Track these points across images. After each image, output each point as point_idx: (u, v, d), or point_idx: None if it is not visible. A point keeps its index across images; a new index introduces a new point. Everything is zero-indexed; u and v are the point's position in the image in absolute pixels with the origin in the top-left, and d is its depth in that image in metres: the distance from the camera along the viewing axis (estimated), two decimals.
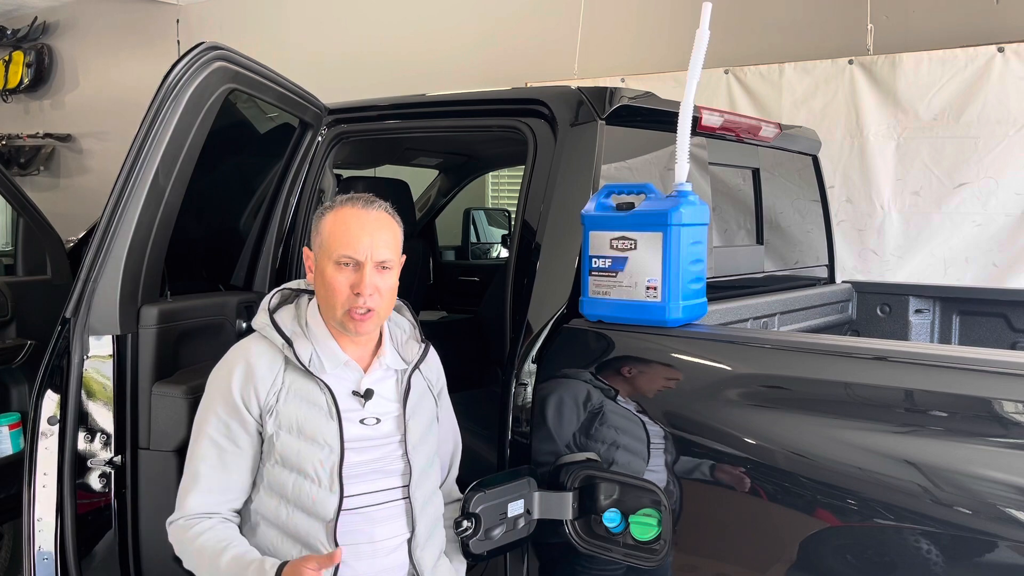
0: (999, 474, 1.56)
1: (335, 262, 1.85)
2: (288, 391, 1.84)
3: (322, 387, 1.85)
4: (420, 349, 2.02)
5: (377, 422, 1.90)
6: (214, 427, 1.85)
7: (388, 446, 1.91)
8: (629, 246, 2.04)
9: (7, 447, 3.27)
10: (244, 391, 1.84)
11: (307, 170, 2.80)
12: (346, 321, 1.85)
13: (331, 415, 1.83)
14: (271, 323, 1.90)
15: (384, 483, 1.89)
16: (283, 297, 2.00)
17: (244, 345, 1.92)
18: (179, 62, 2.17)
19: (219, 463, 1.84)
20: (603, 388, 2.06)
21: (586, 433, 2.05)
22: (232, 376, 1.85)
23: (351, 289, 1.84)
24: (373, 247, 1.86)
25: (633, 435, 1.98)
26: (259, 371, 1.84)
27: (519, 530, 2.04)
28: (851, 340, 2.26)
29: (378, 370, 1.94)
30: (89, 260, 2.16)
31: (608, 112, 2.28)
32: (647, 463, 1.95)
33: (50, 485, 2.20)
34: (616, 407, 2.02)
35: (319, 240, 1.91)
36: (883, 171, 4.27)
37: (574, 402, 2.09)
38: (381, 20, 6.19)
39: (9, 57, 8.18)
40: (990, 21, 4.07)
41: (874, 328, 3.33)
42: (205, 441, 1.85)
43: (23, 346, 3.41)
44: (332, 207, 1.92)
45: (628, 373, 2.05)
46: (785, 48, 4.60)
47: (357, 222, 1.88)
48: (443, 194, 4.71)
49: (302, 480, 1.81)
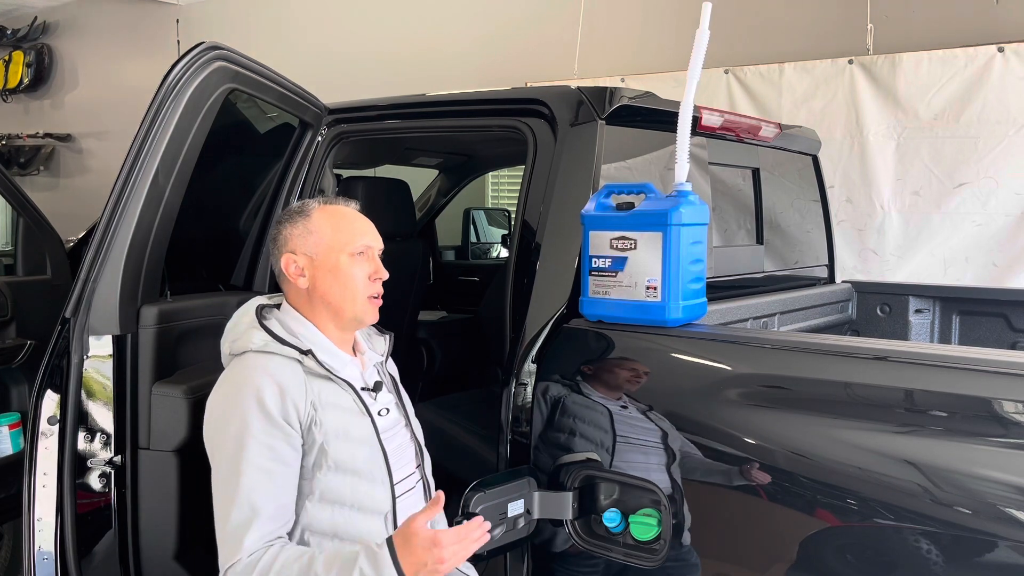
0: (999, 474, 1.56)
1: (350, 253, 1.90)
2: (319, 399, 1.82)
3: (344, 387, 1.87)
4: (388, 340, 2.12)
5: (387, 412, 1.98)
6: (257, 453, 1.74)
7: (401, 433, 2.00)
8: (629, 246, 2.04)
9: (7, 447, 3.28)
10: (283, 407, 1.77)
11: (307, 170, 2.80)
12: (367, 309, 1.92)
13: (362, 411, 1.88)
14: (274, 338, 1.85)
15: (408, 469, 1.98)
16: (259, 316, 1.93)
17: (254, 364, 1.82)
18: (179, 62, 2.17)
19: (273, 489, 1.74)
20: (603, 388, 2.06)
21: (586, 433, 2.05)
22: (264, 396, 1.76)
23: (369, 277, 1.91)
24: (376, 237, 1.97)
25: (633, 435, 1.98)
26: (290, 385, 1.79)
27: (519, 530, 2.04)
28: (851, 340, 2.26)
29: (368, 365, 2.02)
30: (89, 260, 2.16)
31: (608, 112, 2.28)
32: (647, 463, 1.95)
33: (50, 485, 2.20)
34: (616, 407, 2.02)
35: (316, 238, 1.90)
36: (883, 171, 4.27)
37: (574, 402, 2.09)
38: (381, 20, 6.19)
39: (9, 57, 8.18)
40: (990, 21, 4.07)
41: (874, 328, 3.32)
42: (251, 470, 1.73)
43: (23, 346, 3.41)
44: (315, 206, 1.95)
45: (628, 373, 2.05)
46: (785, 48, 4.60)
47: (353, 215, 1.97)
48: (443, 194, 4.71)
49: (359, 481, 1.83)
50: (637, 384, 2.03)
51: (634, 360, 2.07)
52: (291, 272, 1.92)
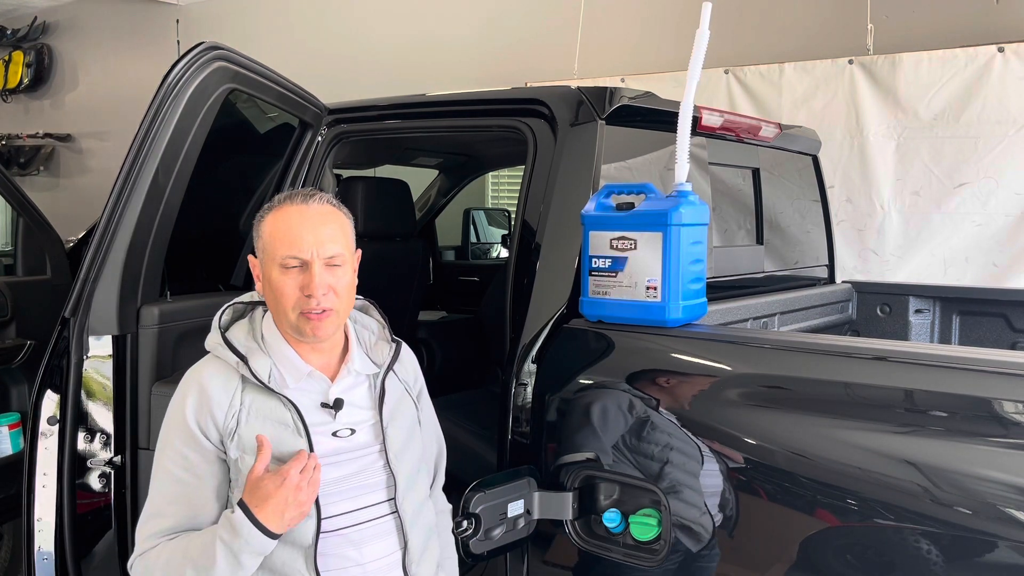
0: (999, 474, 1.56)
1: (280, 265, 1.71)
2: (249, 411, 1.69)
3: (285, 403, 1.70)
4: (391, 349, 1.87)
5: (352, 433, 1.76)
6: (171, 460, 1.69)
7: (367, 457, 1.77)
8: (629, 246, 2.04)
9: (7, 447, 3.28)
10: (200, 418, 1.68)
11: (307, 170, 2.80)
12: (302, 324, 1.71)
13: (298, 432, 1.69)
14: (223, 341, 1.75)
15: (368, 499, 1.76)
16: (235, 312, 1.85)
17: (197, 369, 1.76)
18: (179, 62, 2.17)
19: (181, 498, 1.68)
20: (602, 388, 2.05)
21: (586, 433, 2.05)
22: (186, 404, 1.70)
23: (301, 291, 1.70)
24: (318, 243, 1.71)
25: (633, 435, 1.98)
26: (214, 394, 1.69)
27: (519, 530, 2.04)
28: (851, 340, 2.26)
29: (347, 377, 1.80)
30: (89, 260, 2.17)
31: (608, 112, 2.28)
32: (647, 463, 1.95)
33: (50, 485, 2.21)
34: (615, 407, 2.02)
35: (261, 244, 1.77)
36: (883, 171, 4.27)
37: (573, 402, 2.09)
38: (381, 20, 6.19)
39: (9, 57, 8.18)
40: (990, 21, 4.07)
41: (874, 328, 3.32)
42: (164, 477, 1.70)
43: (23, 346, 3.41)
44: (271, 207, 1.78)
45: (628, 373, 2.05)
46: (785, 48, 4.60)
47: (299, 218, 1.73)
48: (443, 194, 4.71)
49: None
50: (637, 384, 2.02)
51: (634, 360, 2.07)
52: (254, 275, 1.82)
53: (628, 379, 2.04)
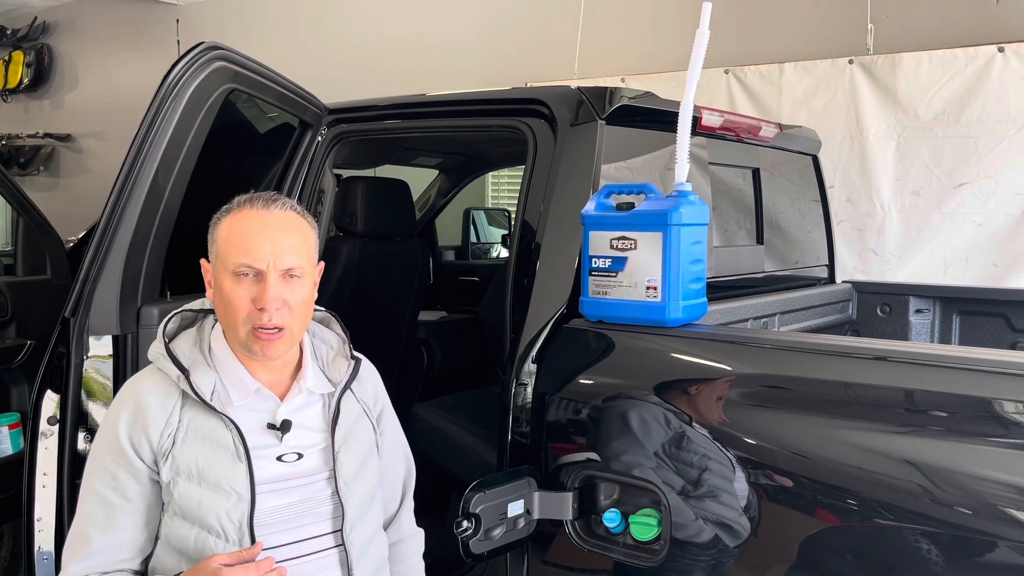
0: (999, 474, 1.56)
1: (232, 273, 1.58)
2: (187, 431, 1.57)
3: (226, 423, 1.58)
4: (349, 367, 1.74)
5: (299, 458, 1.64)
6: (100, 479, 1.58)
7: (314, 485, 1.65)
8: (629, 246, 2.04)
9: (7, 447, 3.28)
10: (132, 435, 1.57)
11: (307, 170, 2.80)
12: (251, 343, 1.59)
13: (238, 456, 1.56)
14: (166, 352, 1.63)
15: (311, 529, 1.63)
16: (184, 320, 1.72)
17: (135, 380, 1.65)
18: (179, 62, 2.17)
19: (107, 521, 1.57)
20: (603, 388, 2.05)
21: (585, 433, 2.05)
22: (119, 419, 1.58)
23: (253, 304, 1.57)
24: (276, 253, 1.59)
25: (633, 435, 1.98)
26: (150, 410, 1.57)
27: (519, 530, 2.04)
28: (851, 340, 2.26)
29: (297, 396, 1.67)
30: (89, 260, 2.16)
31: (608, 112, 2.28)
32: (647, 463, 1.95)
33: (50, 485, 2.20)
34: (615, 407, 2.02)
35: (215, 249, 1.64)
36: (883, 171, 4.27)
37: (573, 402, 2.09)
38: (381, 20, 6.19)
39: (9, 57, 8.18)
40: (990, 21, 4.07)
41: (874, 328, 3.32)
42: (91, 497, 1.58)
43: (23, 346, 3.41)
44: (229, 209, 1.66)
45: (628, 373, 2.05)
46: (785, 48, 4.60)
47: (257, 224, 1.61)
48: (443, 194, 4.71)
49: (205, 535, 1.55)
50: (637, 384, 2.02)
51: (634, 360, 2.07)
52: (205, 280, 1.69)
53: (628, 379, 2.04)
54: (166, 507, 1.58)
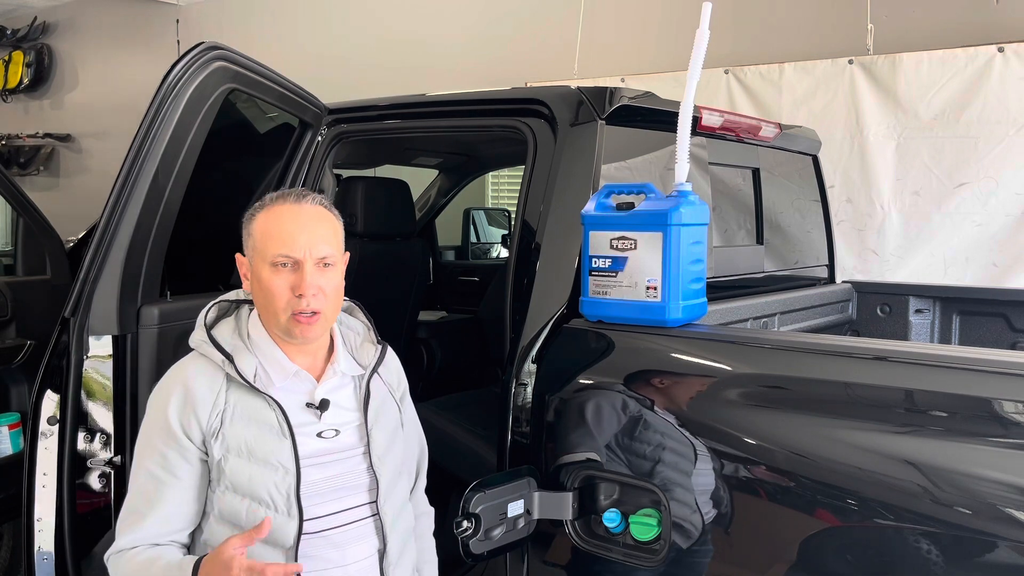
0: (999, 474, 1.56)
1: (271, 264, 1.71)
2: (233, 411, 1.69)
3: (270, 403, 1.70)
4: (377, 351, 1.88)
5: (336, 434, 1.76)
6: (150, 459, 1.69)
7: (351, 459, 1.77)
8: (629, 246, 2.04)
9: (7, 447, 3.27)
10: (183, 417, 1.68)
11: (307, 170, 2.80)
12: (291, 327, 1.71)
13: (283, 433, 1.69)
14: (208, 339, 1.74)
15: (350, 500, 1.76)
16: (221, 310, 1.84)
17: (181, 366, 1.76)
18: (179, 62, 2.17)
19: (157, 497, 1.68)
20: (602, 388, 2.05)
21: (586, 432, 2.05)
22: (169, 402, 1.69)
23: (292, 291, 1.69)
24: (311, 243, 1.71)
25: (633, 435, 1.98)
26: (198, 393, 1.69)
27: (519, 530, 2.04)
28: (851, 340, 2.26)
29: (332, 378, 1.80)
30: (89, 260, 2.16)
31: (608, 112, 2.28)
32: (647, 463, 1.95)
33: (50, 485, 2.20)
34: (615, 407, 2.02)
35: (251, 243, 1.76)
36: (883, 171, 4.27)
37: (574, 402, 2.09)
38: (381, 20, 6.19)
39: (9, 57, 8.19)
40: (990, 21, 4.07)
41: (874, 328, 3.32)
42: (143, 474, 1.70)
43: (23, 346, 3.41)
44: (263, 205, 1.77)
45: (628, 373, 2.05)
46: (785, 48, 4.60)
47: (291, 218, 1.74)
48: (443, 194, 4.72)
49: (256, 506, 1.66)
50: (637, 384, 2.02)
51: (634, 360, 2.07)
52: (241, 273, 1.82)
53: (628, 379, 2.04)
54: (216, 483, 1.69)
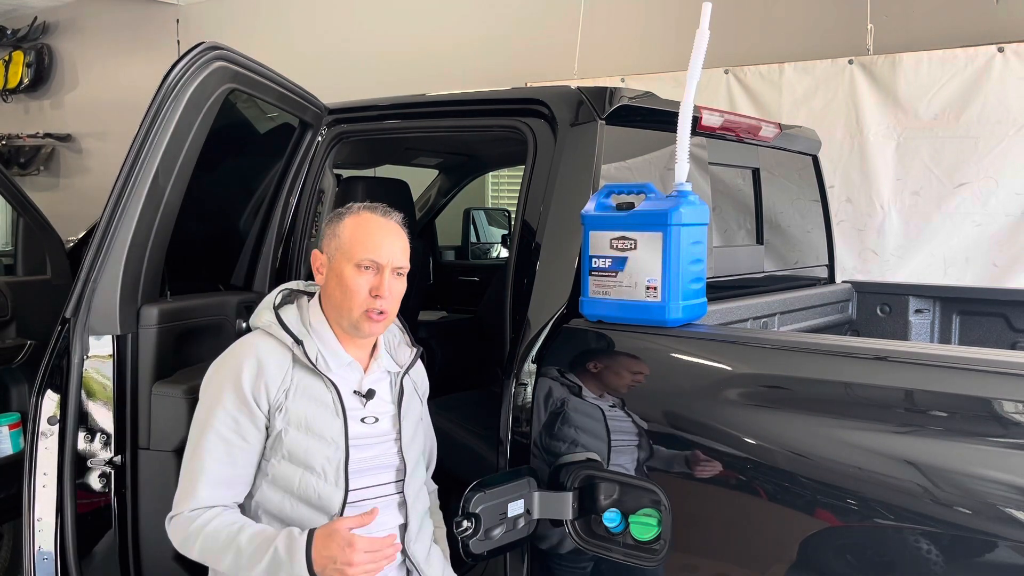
0: (999, 474, 1.56)
1: (356, 265, 1.93)
2: (296, 388, 1.90)
3: (329, 385, 1.92)
4: (412, 354, 2.13)
5: (376, 421, 1.99)
6: (221, 421, 1.87)
7: (385, 444, 2.00)
8: (629, 246, 2.04)
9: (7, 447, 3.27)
10: (255, 386, 1.87)
11: (307, 170, 2.80)
12: (362, 322, 1.93)
13: (337, 413, 1.91)
14: (278, 321, 1.96)
15: (383, 478, 1.99)
16: (284, 297, 2.06)
17: (250, 342, 1.95)
18: (179, 62, 2.17)
19: (227, 458, 1.87)
20: (603, 388, 2.06)
21: (586, 433, 2.05)
22: (243, 370, 1.88)
23: (370, 292, 1.92)
24: (393, 254, 1.96)
25: (633, 435, 1.98)
26: (270, 368, 1.89)
27: (519, 530, 2.04)
28: (851, 340, 2.26)
29: (376, 371, 2.03)
30: (89, 260, 2.17)
31: (608, 112, 2.28)
32: (647, 463, 1.95)
33: (50, 485, 2.21)
34: (616, 407, 2.02)
35: (337, 243, 1.97)
36: (883, 171, 4.27)
37: (574, 402, 2.09)
38: (381, 20, 6.19)
39: (9, 57, 8.18)
40: (990, 21, 4.08)
41: (874, 328, 3.32)
42: (211, 435, 1.87)
43: (23, 346, 3.41)
44: (351, 212, 2.01)
45: (628, 373, 2.05)
46: (785, 48, 4.60)
47: (379, 228, 1.98)
48: (443, 194, 4.71)
49: (309, 475, 1.88)
50: (637, 384, 2.02)
51: (634, 360, 2.07)
52: (315, 267, 2.02)
53: (628, 379, 2.03)
54: (272, 452, 1.89)
